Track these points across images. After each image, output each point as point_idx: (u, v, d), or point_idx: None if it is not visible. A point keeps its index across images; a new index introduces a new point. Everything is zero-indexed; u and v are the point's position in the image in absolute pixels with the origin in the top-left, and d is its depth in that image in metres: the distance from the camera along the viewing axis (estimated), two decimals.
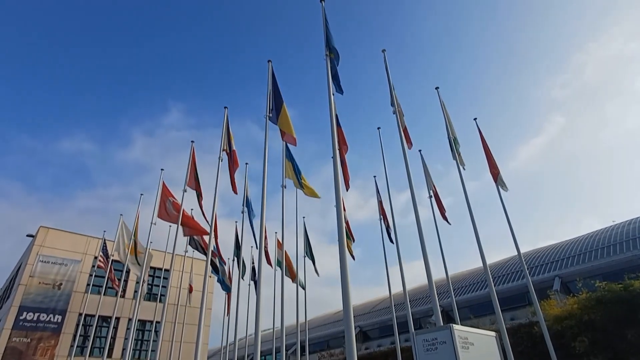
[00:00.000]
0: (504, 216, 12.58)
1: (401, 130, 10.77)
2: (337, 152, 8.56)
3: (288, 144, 14.82)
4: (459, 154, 13.00)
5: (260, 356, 9.02)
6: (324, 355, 23.24)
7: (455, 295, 14.18)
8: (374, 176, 17.87)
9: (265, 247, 18.66)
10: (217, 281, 20.22)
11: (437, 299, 7.30)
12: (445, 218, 14.98)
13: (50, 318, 22.26)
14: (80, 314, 22.60)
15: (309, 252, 20.27)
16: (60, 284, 23.30)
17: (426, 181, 15.30)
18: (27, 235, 25.44)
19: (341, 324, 30.21)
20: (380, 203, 17.23)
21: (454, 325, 3.27)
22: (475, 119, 14.39)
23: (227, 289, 21.06)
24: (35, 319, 21.81)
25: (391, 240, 16.58)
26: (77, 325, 22.42)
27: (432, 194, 14.98)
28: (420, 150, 15.76)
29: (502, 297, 12.69)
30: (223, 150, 14.97)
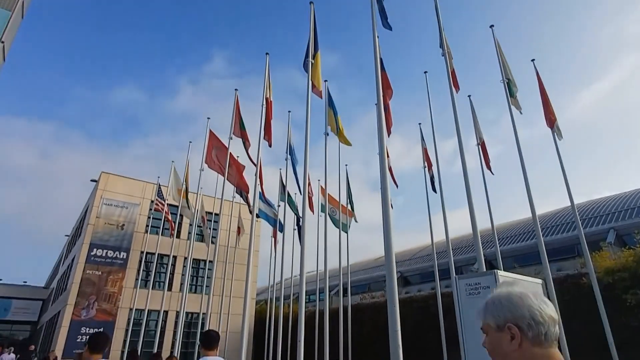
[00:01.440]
0: (553, 168, 11.91)
1: (449, 73, 10.19)
2: (381, 97, 8.31)
3: (328, 93, 14.59)
4: (515, 98, 12.20)
5: (305, 295, 9.60)
6: (365, 297, 24.27)
7: (499, 245, 13.99)
8: (419, 123, 17.33)
9: (309, 193, 19.10)
10: (270, 223, 21.14)
11: (480, 246, 7.25)
12: (489, 168, 14.44)
13: (117, 254, 24.66)
14: (142, 252, 24.83)
15: (350, 200, 20.55)
16: (123, 225, 25.47)
17: (474, 128, 14.64)
18: (91, 180, 27.63)
19: (382, 269, 31.08)
20: (424, 151, 16.83)
21: (498, 270, 3.27)
22: (532, 60, 13.26)
23: (278, 226, 21.96)
24: (104, 255, 24.26)
25: (434, 190, 16.37)
26: (140, 261, 24.74)
27: (479, 142, 14.37)
28: (469, 96, 14.95)
29: (550, 248, 12.35)
30: (265, 97, 15.03)
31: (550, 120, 12.58)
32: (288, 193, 20.27)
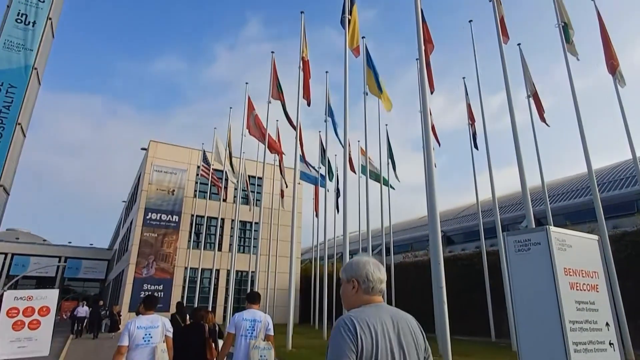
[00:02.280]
0: (611, 121, 11.00)
1: (498, 21, 9.48)
2: (423, 51, 7.94)
3: (367, 51, 14.09)
4: (571, 43, 11.22)
5: (348, 254, 9.83)
6: (408, 256, 24.45)
7: (550, 202, 13.43)
8: (463, 77, 16.50)
9: (349, 154, 19.07)
10: (311, 182, 21.49)
11: (530, 203, 7.01)
12: (543, 120, 13.61)
13: (170, 218, 26.22)
14: (192, 215, 26.23)
15: (391, 160, 20.30)
16: (173, 190, 26.85)
17: (524, 79, 13.72)
18: (142, 149, 29.04)
19: (424, 228, 30.95)
20: (469, 107, 16.10)
21: (549, 226, 3.18)
22: None
23: (319, 187, 22.28)
24: (158, 218, 25.88)
25: (476, 147, 15.77)
26: (191, 224, 26.20)
27: (530, 93, 13.50)
28: (519, 45, 13.91)
29: (605, 204, 11.64)
30: (301, 57, 14.81)
31: (612, 66, 11.52)
32: (328, 157, 20.35)
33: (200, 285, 23.56)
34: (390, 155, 20.24)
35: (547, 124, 13.78)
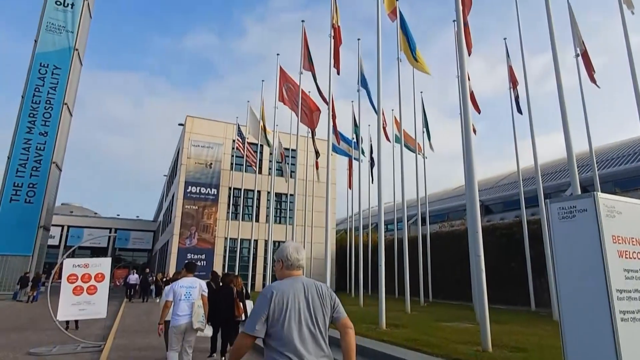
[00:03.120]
0: None
1: None
2: (461, 12, 7.53)
3: (401, 15, 13.50)
4: None
5: (383, 225, 9.85)
6: (444, 226, 24.19)
7: (597, 168, 12.71)
8: (504, 38, 15.53)
9: (383, 123, 18.73)
10: (336, 152, 21.47)
11: (576, 169, 6.67)
12: (593, 80, 12.68)
13: (208, 191, 27.13)
14: (230, 188, 27.00)
15: (426, 129, 19.77)
16: (211, 163, 27.62)
17: (573, 37, 12.74)
18: (179, 124, 29.86)
19: (461, 198, 30.30)
20: (510, 69, 15.24)
21: (597, 192, 3.03)
22: None
23: (348, 154, 22.27)
24: (197, 191, 26.84)
25: (519, 111, 15.01)
26: (229, 196, 27.01)
27: (579, 52, 12.55)
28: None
29: None
30: (332, 24, 14.45)
31: None
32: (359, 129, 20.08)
33: (240, 254, 24.51)
34: (426, 123, 19.70)
35: (597, 85, 12.85)
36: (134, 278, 23.61)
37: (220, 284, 7.44)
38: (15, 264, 24.55)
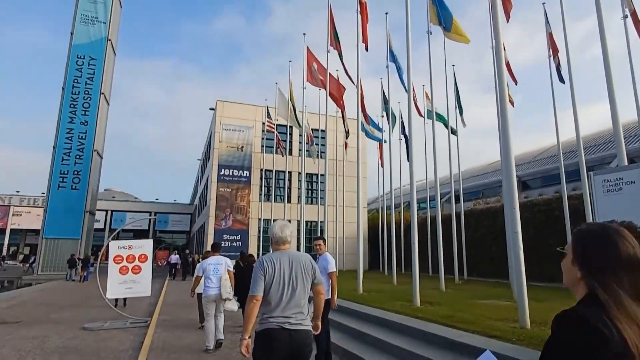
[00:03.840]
0: None
1: None
2: None
3: None
4: None
5: (416, 203, 9.74)
6: (479, 203, 23.61)
7: None
8: (543, 3, 14.59)
9: (414, 99, 18.28)
10: (367, 136, 21.26)
11: (622, 140, 6.29)
12: None
13: (241, 173, 27.67)
14: (261, 170, 27.42)
15: (458, 104, 19.13)
16: (242, 146, 28.06)
17: None
18: (210, 109, 30.38)
19: (496, 174, 29.37)
20: (550, 36, 14.37)
21: None
22: None
23: (378, 138, 22.01)
24: (230, 174, 27.44)
25: (561, 80, 14.20)
26: (261, 178, 27.47)
27: (628, 13, 11.63)
28: None
29: None
30: (358, 1, 14.07)
31: None
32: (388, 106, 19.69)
33: None
34: (458, 98, 19.05)
35: None
36: (174, 258, 25.39)
37: (247, 263, 8.78)
38: (66, 247, 26.25)
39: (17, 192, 47.13)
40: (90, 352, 6.46)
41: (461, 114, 19.23)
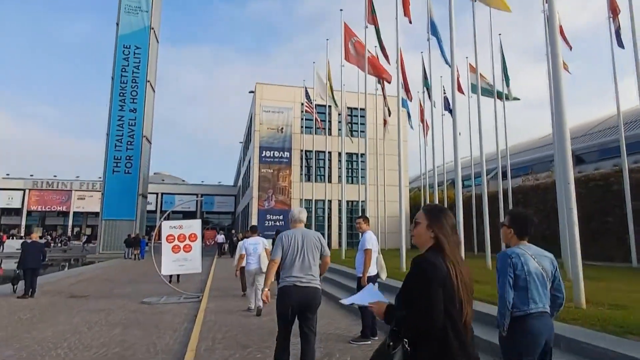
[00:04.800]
0: None
1: None
2: None
3: None
4: None
5: (461, 181, 9.46)
6: (528, 179, 22.48)
7: None
8: None
9: (457, 73, 17.49)
10: (408, 114, 20.76)
11: None
12: None
13: (282, 154, 28.05)
14: (301, 150, 27.63)
15: (505, 75, 18.09)
16: (282, 128, 28.34)
17: None
18: (249, 92, 30.79)
19: (547, 148, 27.76)
20: None
21: None
22: None
23: (424, 113, 21.45)
24: (271, 155, 27.90)
25: (620, 45, 13.03)
26: (301, 159, 27.73)
27: None
28: None
29: None
30: None
31: None
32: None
33: (315, 214, 25.34)
34: (504, 69, 18.01)
35: None
36: (221, 238, 27.03)
37: None
38: (123, 228, 28.11)
39: (77, 177, 50.70)
40: (150, 324, 6.96)
41: (508, 86, 18.21)
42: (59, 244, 40.32)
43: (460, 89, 18.39)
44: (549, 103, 12.95)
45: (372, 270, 5.67)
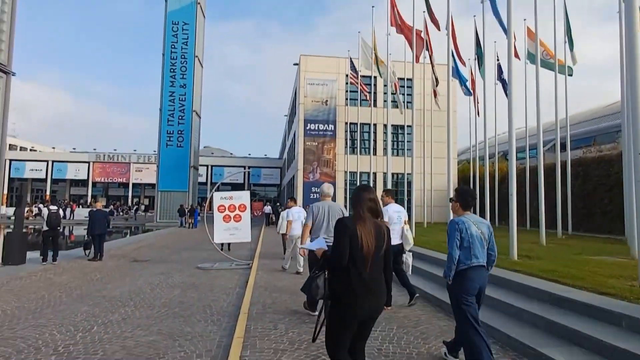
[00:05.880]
0: None
1: None
2: None
3: None
4: None
5: (515, 154, 8.97)
6: (590, 151, 20.87)
7: None
8: None
9: (513, 38, 16.29)
10: (460, 84, 19.83)
11: None
12: None
13: (326, 127, 28.02)
14: (346, 123, 27.39)
15: (569, 37, 16.59)
16: (326, 100, 28.16)
17: None
18: (294, 64, 30.67)
19: (613, 117, 25.51)
20: None
21: None
22: None
23: (468, 93, 20.52)
24: (316, 128, 27.95)
25: None
26: (346, 131, 27.52)
27: None
28: None
29: None
30: None
31: None
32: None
33: None
34: (568, 31, 16.52)
35: None
36: (267, 209, 27.94)
37: None
38: (177, 198, 29.73)
39: (134, 150, 53.82)
40: (205, 287, 7.42)
41: (572, 50, 16.75)
42: (121, 213, 43.51)
43: (516, 55, 17.17)
44: (619, 68, 11.81)
45: (396, 240, 5.67)
